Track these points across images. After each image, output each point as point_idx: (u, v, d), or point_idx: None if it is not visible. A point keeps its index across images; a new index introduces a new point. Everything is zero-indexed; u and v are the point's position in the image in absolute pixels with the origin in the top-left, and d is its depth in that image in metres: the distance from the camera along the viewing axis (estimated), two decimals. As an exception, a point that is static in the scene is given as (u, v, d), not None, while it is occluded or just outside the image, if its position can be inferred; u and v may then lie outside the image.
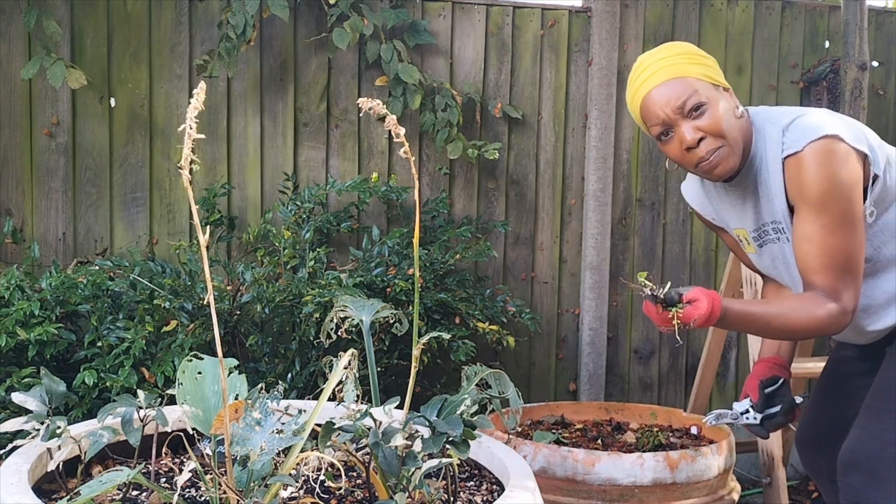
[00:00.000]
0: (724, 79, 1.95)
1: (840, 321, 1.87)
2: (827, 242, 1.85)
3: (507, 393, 1.77)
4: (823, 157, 1.83)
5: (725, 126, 1.88)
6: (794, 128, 1.87)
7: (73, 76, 2.94)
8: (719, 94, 1.90)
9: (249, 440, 1.43)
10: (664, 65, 1.90)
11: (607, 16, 3.47)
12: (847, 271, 1.86)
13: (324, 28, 3.25)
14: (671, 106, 1.88)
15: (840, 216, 1.83)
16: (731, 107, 1.91)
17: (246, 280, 2.87)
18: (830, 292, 1.86)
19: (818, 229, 1.85)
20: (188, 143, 1.35)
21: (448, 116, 3.25)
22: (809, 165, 1.83)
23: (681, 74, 1.89)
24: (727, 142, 1.88)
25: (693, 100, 1.87)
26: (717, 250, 3.74)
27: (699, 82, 1.88)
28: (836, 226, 1.84)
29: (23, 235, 3.11)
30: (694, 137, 1.87)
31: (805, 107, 3.61)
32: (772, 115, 1.95)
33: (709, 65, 1.93)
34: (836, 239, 1.84)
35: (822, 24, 3.77)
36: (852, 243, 1.85)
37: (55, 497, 1.62)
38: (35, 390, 1.69)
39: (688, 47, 1.96)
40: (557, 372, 3.62)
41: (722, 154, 1.89)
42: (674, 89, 1.88)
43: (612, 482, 2.36)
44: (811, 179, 1.83)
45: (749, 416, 2.08)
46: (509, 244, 3.52)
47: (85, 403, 2.62)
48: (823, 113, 1.91)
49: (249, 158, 3.27)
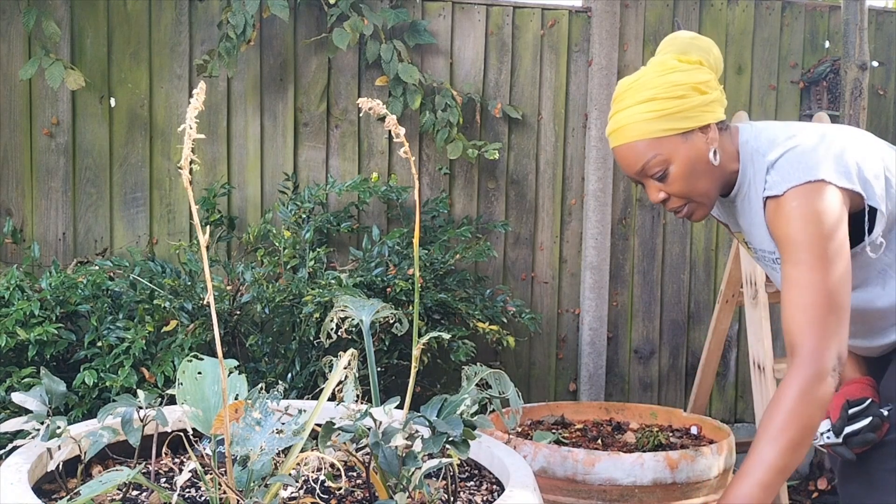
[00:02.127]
0: (701, 112, 1.78)
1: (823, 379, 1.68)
2: (804, 281, 1.72)
3: (507, 393, 1.77)
4: (800, 199, 1.72)
5: (688, 186, 1.79)
6: (778, 167, 1.76)
7: (72, 77, 2.94)
8: (686, 144, 1.77)
9: (249, 440, 1.43)
10: (621, 123, 1.79)
11: (607, 16, 3.47)
12: (829, 311, 1.71)
13: (324, 28, 3.25)
14: (632, 170, 1.80)
15: (817, 254, 1.71)
16: (700, 154, 1.78)
17: (246, 280, 2.87)
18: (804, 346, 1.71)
19: (794, 268, 1.73)
20: (188, 143, 1.35)
21: (448, 116, 3.25)
22: (785, 208, 1.74)
23: (635, 138, 1.77)
24: (693, 198, 1.81)
25: (651, 167, 1.78)
26: (718, 250, 3.74)
27: (659, 142, 1.76)
28: (814, 263, 1.71)
29: (23, 235, 3.11)
30: (658, 198, 1.82)
31: (803, 121, 3.64)
32: (761, 145, 1.82)
33: (677, 111, 1.76)
34: (814, 276, 1.71)
35: (822, 24, 3.77)
36: (832, 282, 1.71)
37: (55, 497, 1.62)
38: (35, 390, 1.68)
39: (659, 87, 1.78)
40: (557, 372, 3.62)
41: (690, 209, 1.83)
42: (630, 155, 1.79)
43: (612, 482, 2.36)
44: (785, 221, 1.73)
45: (829, 436, 1.92)
46: (509, 244, 3.52)
47: (85, 403, 2.62)
48: (813, 145, 1.78)
49: (249, 158, 3.27)
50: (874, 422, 1.88)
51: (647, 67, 1.83)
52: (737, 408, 3.83)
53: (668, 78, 1.77)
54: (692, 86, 1.77)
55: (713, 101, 1.79)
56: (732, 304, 3.23)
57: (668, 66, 1.80)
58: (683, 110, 1.76)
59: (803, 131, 1.85)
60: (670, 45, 1.85)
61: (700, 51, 1.83)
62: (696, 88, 1.77)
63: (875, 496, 1.91)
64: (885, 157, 1.85)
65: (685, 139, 1.77)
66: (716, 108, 1.80)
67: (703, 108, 1.77)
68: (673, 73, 1.78)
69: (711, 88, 1.79)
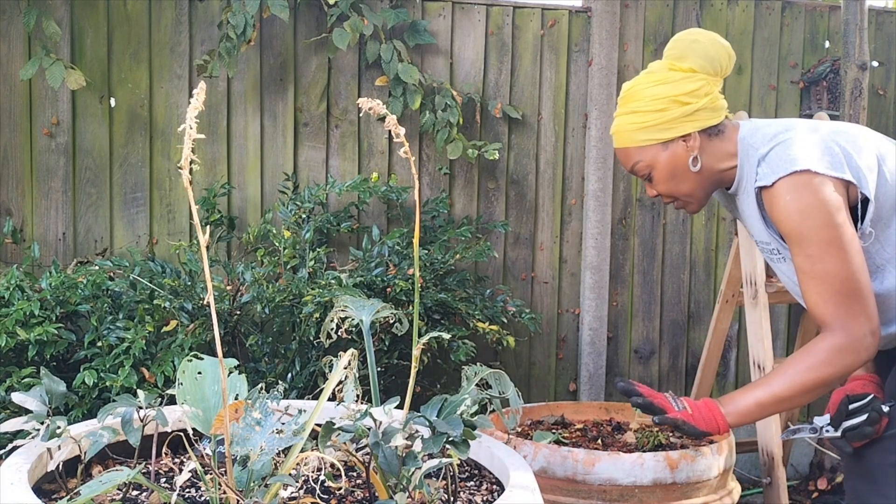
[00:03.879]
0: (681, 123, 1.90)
1: (856, 349, 1.80)
2: (817, 271, 1.81)
3: (507, 393, 1.77)
4: (793, 192, 1.80)
5: (671, 188, 1.96)
6: (768, 159, 1.84)
7: (73, 77, 2.94)
8: (667, 152, 1.93)
9: (249, 440, 1.43)
10: (616, 127, 1.98)
11: (607, 16, 3.47)
12: (848, 295, 1.79)
13: (324, 28, 3.25)
14: (626, 169, 2.02)
15: (823, 243, 1.79)
16: (681, 162, 1.93)
17: (246, 280, 2.87)
18: (835, 323, 1.81)
19: (805, 260, 1.82)
20: (188, 143, 1.35)
21: (448, 116, 3.25)
22: (780, 201, 1.82)
23: (624, 144, 1.97)
24: (679, 197, 1.98)
25: (638, 170, 1.97)
26: (717, 250, 3.74)
27: (642, 150, 1.94)
28: (823, 252, 1.79)
29: (23, 235, 3.11)
30: (651, 193, 2.02)
31: (800, 117, 3.65)
32: (756, 140, 1.91)
33: (655, 123, 1.91)
34: (826, 265, 1.80)
35: (822, 24, 3.77)
36: (846, 267, 1.79)
37: (55, 497, 1.62)
38: (35, 390, 1.68)
39: (642, 100, 1.93)
40: (557, 372, 3.62)
41: (679, 205, 2.01)
42: (622, 157, 2.00)
43: (612, 482, 2.36)
44: (784, 215, 1.82)
45: (828, 430, 1.97)
46: (509, 244, 3.52)
47: (85, 403, 2.62)
48: (803, 138, 1.85)
49: (249, 158, 3.27)
50: (872, 416, 1.92)
51: (640, 76, 1.97)
52: (737, 408, 3.83)
53: (651, 91, 1.91)
54: (673, 98, 1.90)
55: (697, 111, 1.90)
56: (732, 304, 3.23)
57: (654, 77, 1.93)
58: (662, 122, 1.91)
59: (798, 126, 1.91)
60: (673, 47, 1.95)
61: (698, 57, 1.91)
62: (676, 101, 1.89)
63: (876, 491, 1.92)
64: (880, 149, 1.89)
65: (665, 147, 1.92)
66: (700, 117, 1.91)
67: (684, 119, 1.90)
68: (657, 86, 1.91)
69: (697, 97, 1.90)
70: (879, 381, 2.04)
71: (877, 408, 1.93)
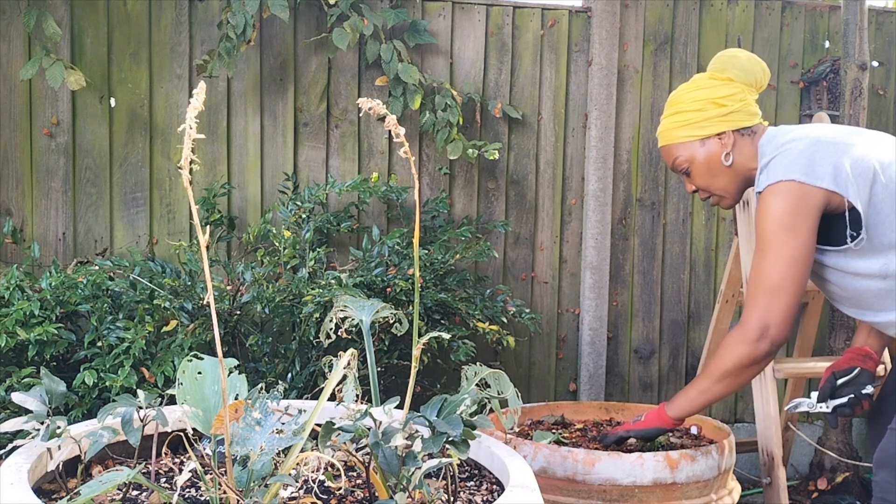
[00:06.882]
0: (717, 122, 2.14)
1: (746, 339, 2.05)
2: (754, 264, 2.03)
3: (507, 393, 1.77)
4: (770, 198, 2.00)
5: (707, 182, 2.19)
6: (769, 168, 2.04)
7: (73, 77, 2.94)
8: (705, 149, 2.16)
9: (249, 440, 1.43)
10: (661, 128, 2.24)
11: (607, 16, 3.47)
12: (766, 291, 2.00)
13: (324, 28, 3.25)
14: (669, 166, 2.26)
15: (767, 241, 1.99)
16: (716, 158, 2.15)
17: (246, 280, 2.87)
18: (744, 314, 2.06)
19: (755, 255, 2.04)
20: (188, 143, 1.35)
21: (448, 116, 3.25)
22: (760, 206, 2.03)
23: (667, 142, 2.22)
24: (713, 192, 2.21)
25: (678, 165, 2.20)
26: (717, 250, 3.74)
27: (683, 146, 2.18)
28: (764, 248, 2.00)
29: (23, 235, 3.11)
30: (690, 189, 2.26)
31: (803, 121, 3.67)
32: (768, 148, 2.09)
33: (695, 121, 2.14)
34: (759, 260, 2.01)
35: (822, 24, 3.77)
36: (776, 268, 1.98)
37: (55, 497, 1.62)
38: (35, 390, 1.68)
39: (684, 102, 2.18)
40: (557, 372, 3.62)
41: (714, 200, 2.24)
42: (665, 155, 2.25)
43: (612, 482, 2.36)
44: (759, 218, 2.02)
45: (821, 406, 2.15)
46: (509, 244, 3.52)
47: (85, 403, 2.62)
48: (801, 148, 2.01)
49: (249, 158, 3.27)
50: (852, 400, 2.13)
51: (684, 84, 2.24)
52: (737, 408, 3.83)
53: (692, 95, 2.18)
54: (710, 100, 2.14)
55: (732, 112, 2.14)
56: (732, 304, 3.23)
57: (696, 84, 2.19)
58: (700, 121, 2.15)
59: (805, 136, 2.06)
60: (715, 62, 2.21)
61: (736, 69, 2.16)
62: (714, 102, 2.14)
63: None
64: (881, 157, 2.01)
65: (702, 144, 2.16)
66: (734, 119, 2.14)
67: (720, 119, 2.14)
68: (697, 90, 2.18)
69: (732, 101, 2.14)
70: (869, 353, 2.20)
71: (858, 392, 2.11)
